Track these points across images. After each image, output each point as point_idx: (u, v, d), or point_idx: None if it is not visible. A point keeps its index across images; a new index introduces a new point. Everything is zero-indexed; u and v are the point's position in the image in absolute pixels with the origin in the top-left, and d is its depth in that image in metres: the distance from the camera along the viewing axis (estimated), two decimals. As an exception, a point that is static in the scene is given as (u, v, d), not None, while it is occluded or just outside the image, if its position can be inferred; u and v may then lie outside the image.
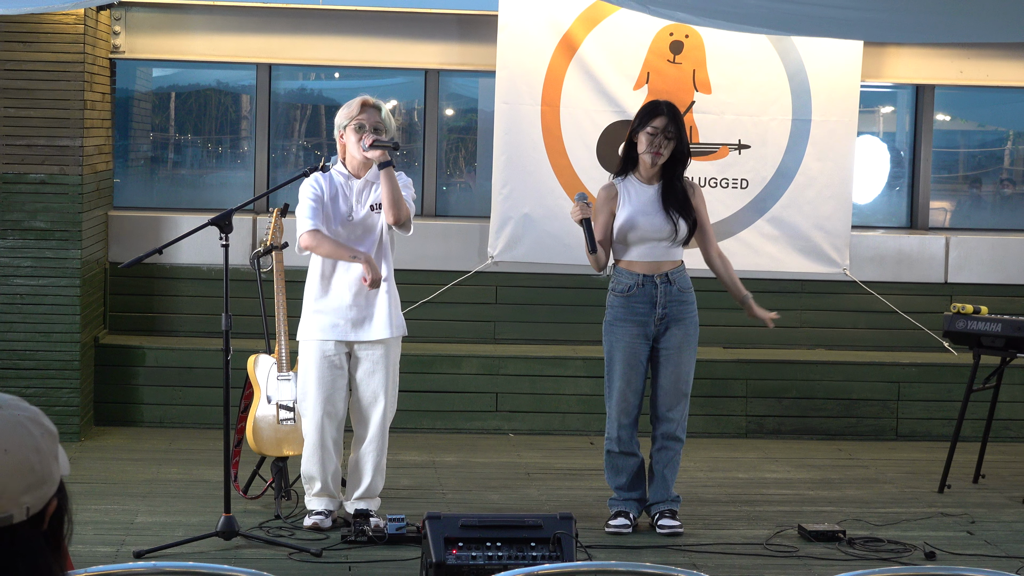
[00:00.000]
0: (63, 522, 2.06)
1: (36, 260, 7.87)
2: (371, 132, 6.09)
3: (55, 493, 2.03)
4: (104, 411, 8.33)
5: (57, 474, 2.03)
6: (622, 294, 6.35)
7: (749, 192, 8.74)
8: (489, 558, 5.35)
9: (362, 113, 6.14)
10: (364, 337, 6.18)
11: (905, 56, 9.07)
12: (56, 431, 2.05)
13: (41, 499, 2.00)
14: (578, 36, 8.53)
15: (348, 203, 6.17)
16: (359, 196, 6.18)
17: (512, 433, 8.49)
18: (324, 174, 6.14)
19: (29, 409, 2.03)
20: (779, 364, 8.69)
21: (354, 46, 8.83)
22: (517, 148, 8.59)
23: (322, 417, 6.21)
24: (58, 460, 2.04)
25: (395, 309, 6.24)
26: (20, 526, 1.98)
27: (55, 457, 2.03)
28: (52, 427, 2.05)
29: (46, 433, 2.03)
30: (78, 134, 7.85)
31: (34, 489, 1.99)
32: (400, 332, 6.27)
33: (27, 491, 1.98)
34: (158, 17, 8.68)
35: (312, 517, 6.26)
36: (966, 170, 9.83)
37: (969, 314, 7.26)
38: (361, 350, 6.22)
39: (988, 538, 6.45)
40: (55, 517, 2.04)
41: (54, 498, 2.03)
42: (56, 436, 2.05)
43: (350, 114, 6.15)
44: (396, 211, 6.06)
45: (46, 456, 2.01)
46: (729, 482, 7.44)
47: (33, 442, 2.00)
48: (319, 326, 6.20)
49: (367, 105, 6.16)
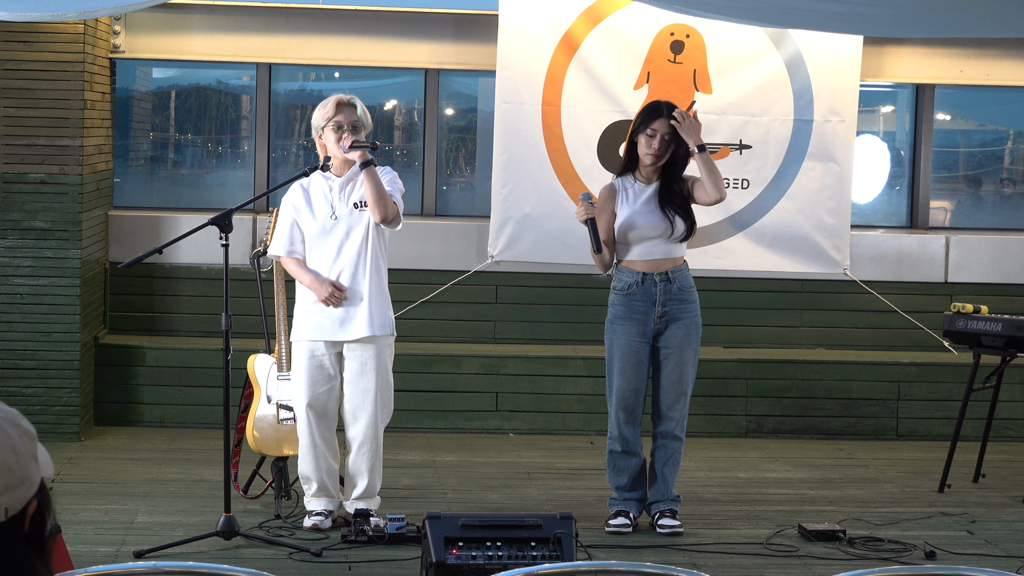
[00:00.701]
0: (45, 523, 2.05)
1: (36, 260, 7.87)
2: (349, 131, 6.08)
3: (35, 494, 2.02)
4: (104, 411, 8.33)
5: (37, 475, 2.02)
6: (622, 292, 6.36)
7: (750, 192, 8.73)
8: (489, 558, 5.34)
9: (338, 113, 6.12)
10: (348, 336, 6.17)
11: (905, 55, 9.07)
12: (35, 432, 2.05)
13: (20, 500, 1.99)
14: (578, 36, 8.53)
15: (329, 203, 6.16)
16: (341, 194, 6.17)
17: (512, 433, 8.49)
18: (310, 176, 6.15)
19: (6, 410, 2.02)
20: (779, 364, 8.69)
21: (354, 46, 8.83)
22: (517, 148, 8.59)
23: (312, 418, 6.22)
24: (38, 461, 2.03)
25: (380, 308, 6.18)
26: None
27: (34, 458, 2.02)
28: (30, 428, 2.04)
29: (24, 434, 2.02)
30: (78, 134, 7.85)
31: (12, 490, 1.98)
32: (385, 332, 6.20)
33: (4, 491, 1.97)
34: (158, 17, 8.67)
35: (312, 518, 6.26)
36: (966, 169, 9.83)
37: (969, 314, 7.25)
38: (349, 350, 6.21)
39: (988, 538, 6.45)
40: (36, 518, 2.03)
41: (34, 499, 2.02)
42: (35, 437, 2.04)
43: (326, 115, 6.14)
44: (382, 209, 6.02)
45: (23, 457, 2.00)
46: (729, 482, 7.44)
47: (10, 443, 1.99)
48: (307, 326, 6.20)
49: (342, 104, 6.14)
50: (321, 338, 6.19)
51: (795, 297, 8.98)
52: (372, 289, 6.16)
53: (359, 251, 6.14)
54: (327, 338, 6.19)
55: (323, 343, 6.20)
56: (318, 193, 6.19)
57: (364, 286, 6.15)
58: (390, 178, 6.18)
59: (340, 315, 6.15)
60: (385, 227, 6.13)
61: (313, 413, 6.22)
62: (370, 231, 6.16)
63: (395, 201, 6.08)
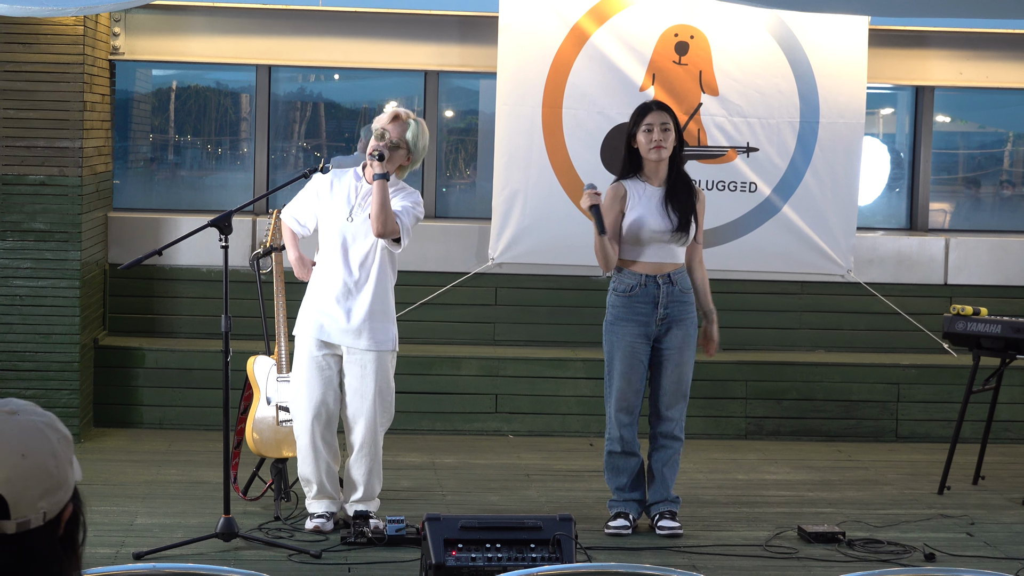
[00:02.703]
0: (79, 528, 2.05)
1: (36, 261, 7.87)
2: (381, 142, 6.06)
3: (70, 498, 2.03)
4: (103, 412, 8.33)
5: (72, 479, 2.03)
6: (624, 294, 6.35)
7: (757, 196, 8.71)
8: (489, 559, 5.35)
9: (391, 123, 6.14)
10: (347, 343, 6.17)
11: (905, 57, 9.08)
12: (71, 436, 2.06)
13: (57, 504, 2.00)
14: (581, 38, 8.52)
15: (351, 205, 6.16)
16: (363, 201, 6.17)
17: (512, 434, 8.49)
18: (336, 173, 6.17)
19: (45, 415, 2.03)
20: (779, 365, 8.69)
21: (354, 47, 8.83)
22: (518, 149, 8.59)
23: (310, 419, 6.21)
24: (73, 465, 2.04)
25: (383, 324, 6.15)
26: (37, 531, 1.97)
27: (70, 462, 2.03)
28: (67, 432, 2.05)
29: (62, 438, 2.03)
30: (78, 135, 7.85)
31: (51, 494, 1.98)
32: (386, 348, 6.17)
33: (44, 496, 1.98)
34: (158, 19, 8.68)
35: (313, 520, 6.25)
36: (966, 171, 9.83)
37: (969, 315, 7.25)
38: (350, 355, 6.20)
39: (988, 539, 6.45)
40: (70, 522, 2.03)
41: (69, 503, 2.03)
42: (71, 441, 2.05)
43: (380, 119, 6.17)
44: (380, 224, 5.96)
45: (62, 461, 2.01)
46: (729, 483, 7.44)
47: (50, 447, 2.00)
48: (310, 324, 6.19)
49: (398, 118, 6.16)
50: (321, 337, 6.19)
51: (794, 299, 8.98)
52: (375, 304, 6.12)
53: (365, 259, 6.13)
54: (326, 338, 6.18)
55: (323, 343, 6.20)
56: (344, 191, 6.18)
57: (367, 296, 6.13)
58: (413, 201, 6.14)
59: (342, 322, 6.14)
60: (384, 243, 6.11)
61: (312, 415, 6.21)
62: (379, 244, 6.14)
63: (400, 222, 6.01)
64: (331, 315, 6.15)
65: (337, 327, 6.15)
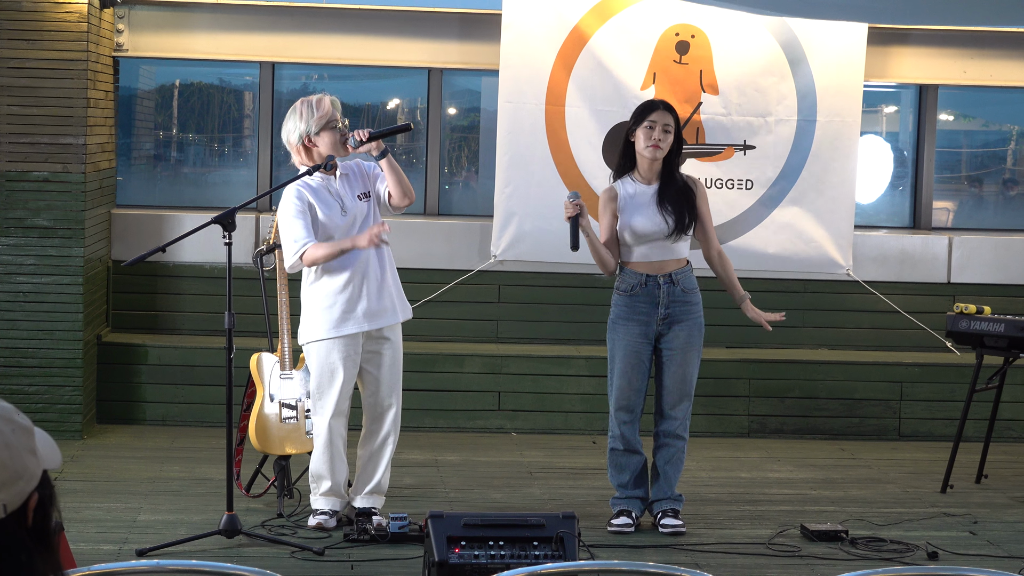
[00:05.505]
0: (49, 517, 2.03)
1: (39, 258, 7.87)
2: (344, 128, 6.10)
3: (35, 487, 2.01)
4: (107, 409, 8.33)
5: (36, 468, 2.00)
6: (625, 293, 6.37)
7: (754, 193, 8.73)
8: (492, 557, 5.35)
9: (334, 113, 6.14)
10: (382, 323, 6.14)
11: (908, 56, 9.07)
12: (31, 426, 2.03)
13: (19, 495, 1.98)
14: (583, 36, 8.52)
15: (338, 200, 6.15)
16: (344, 189, 6.16)
17: (515, 432, 8.49)
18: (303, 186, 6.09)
19: (1, 406, 2.01)
20: (782, 364, 8.69)
21: (357, 44, 8.83)
22: (520, 147, 8.59)
23: (335, 416, 6.18)
24: (36, 454, 2.01)
25: (399, 291, 6.25)
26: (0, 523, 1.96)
27: (31, 451, 2.00)
28: (25, 422, 2.02)
29: (17, 428, 2.00)
30: (81, 132, 7.85)
31: (8, 486, 1.96)
32: (408, 315, 6.28)
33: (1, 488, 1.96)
34: (161, 15, 8.68)
35: (317, 517, 6.24)
36: (969, 170, 9.82)
37: (972, 314, 7.25)
38: (377, 342, 6.18)
39: (991, 538, 6.45)
40: (39, 512, 2.01)
41: (35, 492, 2.00)
42: (31, 431, 2.02)
43: (323, 117, 6.10)
44: (410, 192, 6.14)
45: (18, 451, 1.98)
46: (732, 482, 7.44)
47: (2, 439, 1.97)
48: (332, 322, 6.10)
49: (335, 104, 6.17)
50: (352, 331, 6.11)
51: (798, 297, 8.97)
52: (391, 274, 6.19)
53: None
54: (358, 330, 6.12)
55: (350, 337, 6.12)
56: (322, 194, 6.13)
57: (388, 271, 6.16)
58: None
59: (372, 304, 6.11)
60: (394, 209, 6.18)
61: (336, 411, 6.17)
62: (375, 217, 6.18)
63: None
64: (360, 304, 6.09)
65: (371, 312, 6.11)
